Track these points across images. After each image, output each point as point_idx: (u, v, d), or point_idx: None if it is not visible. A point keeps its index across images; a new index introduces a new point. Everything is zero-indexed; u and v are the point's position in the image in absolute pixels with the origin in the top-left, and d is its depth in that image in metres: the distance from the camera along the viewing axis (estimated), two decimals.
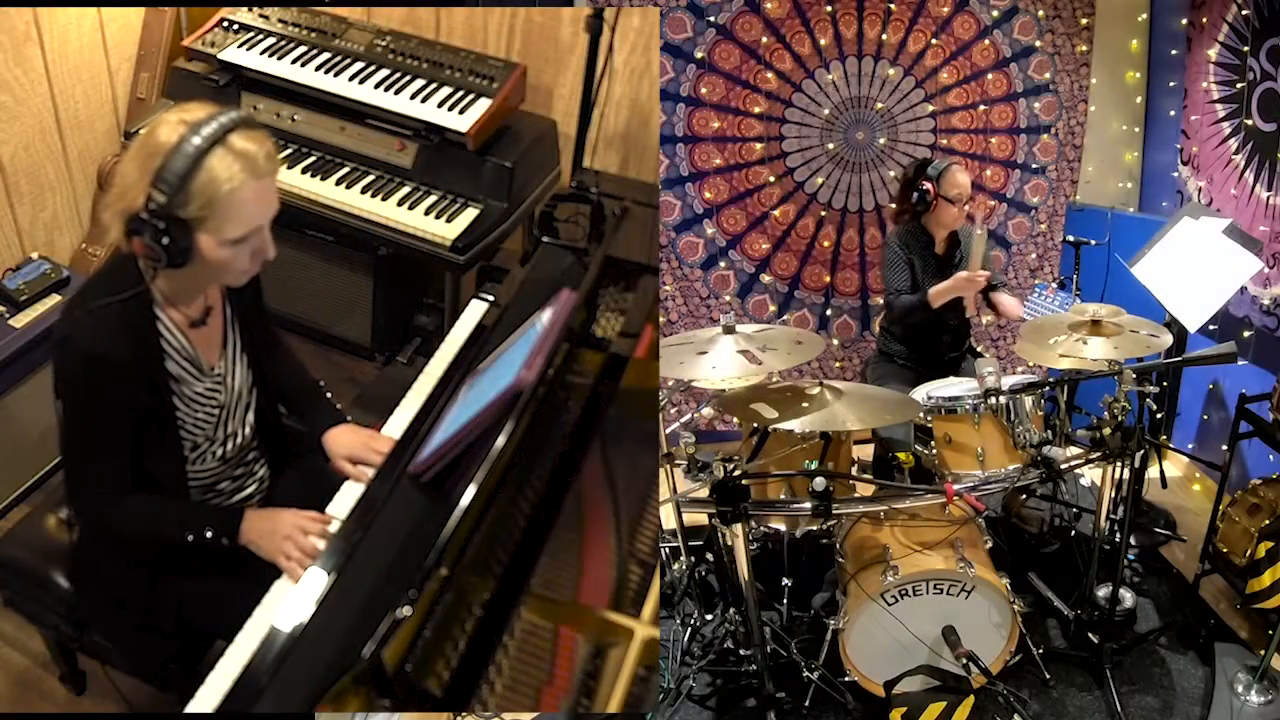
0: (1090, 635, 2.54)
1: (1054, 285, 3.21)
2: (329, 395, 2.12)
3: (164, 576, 1.86)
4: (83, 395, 1.64)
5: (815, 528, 2.53)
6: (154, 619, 1.88)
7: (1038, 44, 3.84)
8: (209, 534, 1.75)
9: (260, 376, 1.98)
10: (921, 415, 2.48)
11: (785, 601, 2.74)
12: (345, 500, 1.85)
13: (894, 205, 3.46)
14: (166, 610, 1.87)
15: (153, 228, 1.51)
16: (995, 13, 3.78)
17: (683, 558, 2.82)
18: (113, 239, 1.59)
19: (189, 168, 1.49)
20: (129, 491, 1.75)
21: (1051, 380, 2.41)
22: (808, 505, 2.17)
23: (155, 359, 1.70)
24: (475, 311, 2.31)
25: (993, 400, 2.33)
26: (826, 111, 3.82)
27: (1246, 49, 3.18)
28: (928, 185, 3.11)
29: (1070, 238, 3.43)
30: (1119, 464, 2.32)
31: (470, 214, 2.80)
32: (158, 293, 1.68)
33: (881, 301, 3.40)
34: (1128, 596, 2.77)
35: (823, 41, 3.74)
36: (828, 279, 4.03)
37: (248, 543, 1.75)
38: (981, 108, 3.89)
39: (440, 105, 2.86)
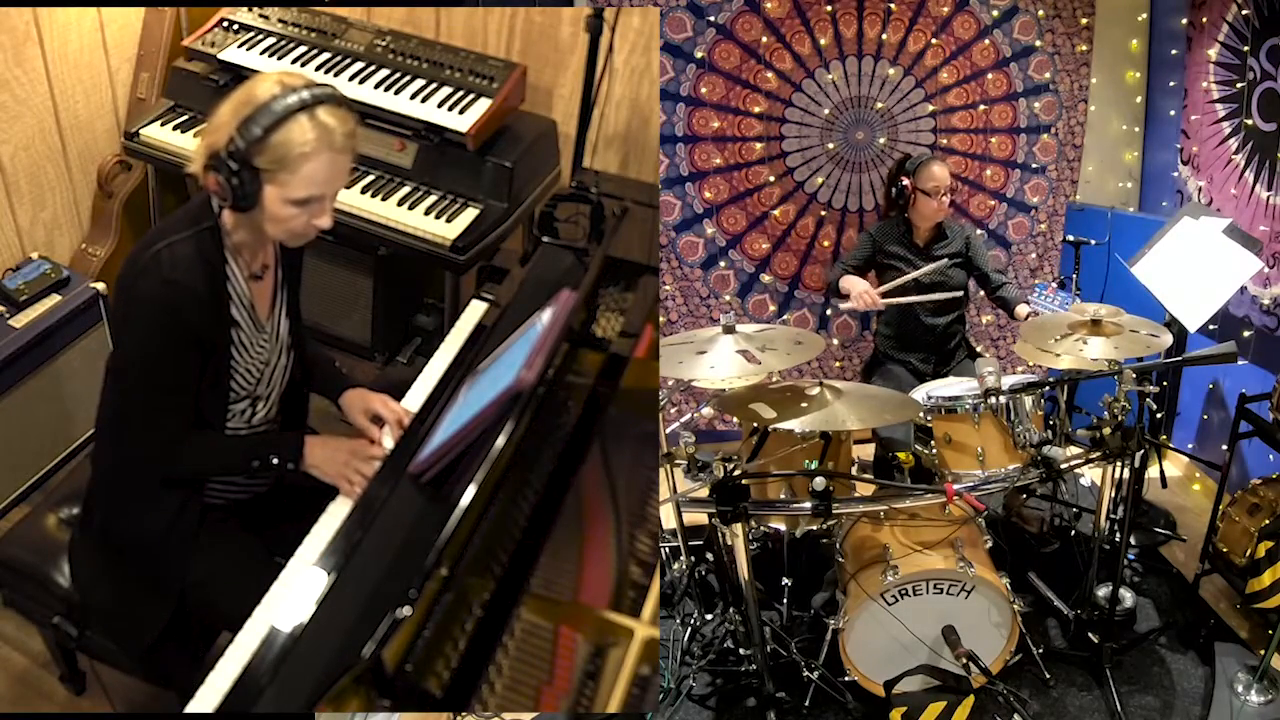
0: (1090, 635, 2.54)
1: (1054, 285, 3.20)
2: (338, 365, 2.22)
3: (180, 529, 1.89)
4: (160, 324, 1.69)
5: (815, 528, 2.52)
6: (157, 569, 1.89)
7: (1038, 44, 3.84)
8: (275, 460, 1.85)
9: (297, 341, 2.05)
10: (921, 415, 2.48)
11: (785, 601, 2.74)
12: (346, 498, 1.84)
13: (883, 203, 3.58)
14: (174, 565, 1.88)
15: (227, 167, 1.63)
16: (995, 12, 3.77)
17: (683, 558, 2.81)
18: (193, 170, 1.72)
19: (272, 124, 1.61)
20: (191, 429, 1.83)
21: (1051, 380, 2.41)
22: (808, 505, 2.17)
23: (223, 296, 1.79)
24: (475, 311, 2.31)
25: (993, 400, 2.33)
26: (826, 111, 3.82)
27: (1246, 49, 3.18)
28: (905, 181, 3.23)
29: (1070, 237, 3.43)
30: (1119, 464, 2.32)
31: (470, 214, 2.81)
32: (225, 236, 1.77)
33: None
34: (1128, 596, 2.77)
35: (823, 41, 3.73)
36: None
37: (310, 467, 1.86)
38: (981, 107, 3.88)
39: (440, 105, 2.86)
